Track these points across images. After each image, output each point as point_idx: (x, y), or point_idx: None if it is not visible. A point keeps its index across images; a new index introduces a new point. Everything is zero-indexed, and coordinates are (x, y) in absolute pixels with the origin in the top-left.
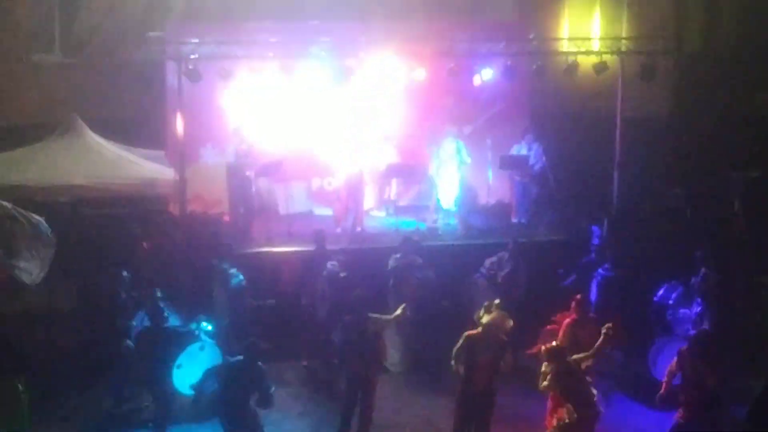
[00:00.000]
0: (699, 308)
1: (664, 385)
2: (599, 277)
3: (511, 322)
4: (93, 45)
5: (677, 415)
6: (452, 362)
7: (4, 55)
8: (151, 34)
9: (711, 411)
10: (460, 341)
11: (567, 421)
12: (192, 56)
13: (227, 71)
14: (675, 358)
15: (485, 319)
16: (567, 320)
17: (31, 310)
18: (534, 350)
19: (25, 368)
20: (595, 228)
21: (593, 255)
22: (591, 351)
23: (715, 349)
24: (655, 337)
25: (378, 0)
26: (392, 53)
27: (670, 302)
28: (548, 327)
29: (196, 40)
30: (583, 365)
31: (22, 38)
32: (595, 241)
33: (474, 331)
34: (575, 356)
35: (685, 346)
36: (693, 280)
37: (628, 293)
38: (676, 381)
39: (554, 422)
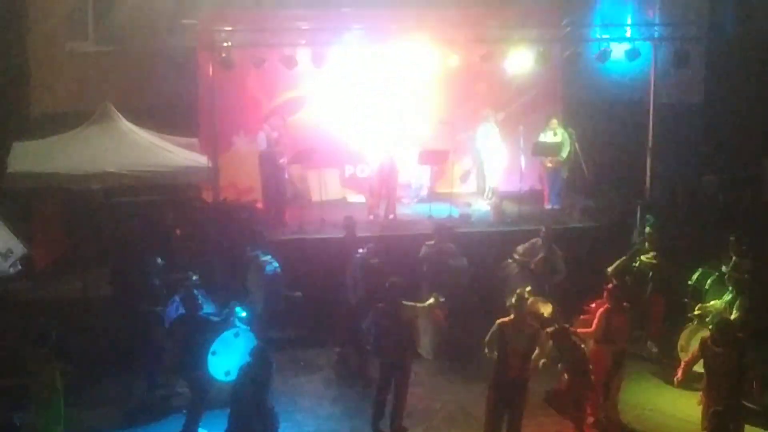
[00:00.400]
0: (729, 296)
1: (682, 369)
2: (639, 263)
3: (549, 308)
4: (127, 33)
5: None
6: (485, 349)
7: (39, 44)
8: (184, 22)
9: (732, 399)
10: (493, 328)
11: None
12: (225, 44)
13: (260, 59)
14: (697, 346)
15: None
16: (601, 309)
17: (65, 297)
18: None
19: (60, 355)
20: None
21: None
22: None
23: (737, 337)
24: (687, 323)
25: None
26: (424, 40)
27: (706, 288)
28: (582, 317)
29: (229, 28)
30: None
31: (56, 27)
32: (648, 228)
33: (506, 318)
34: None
35: (707, 335)
36: (724, 267)
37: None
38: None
39: None
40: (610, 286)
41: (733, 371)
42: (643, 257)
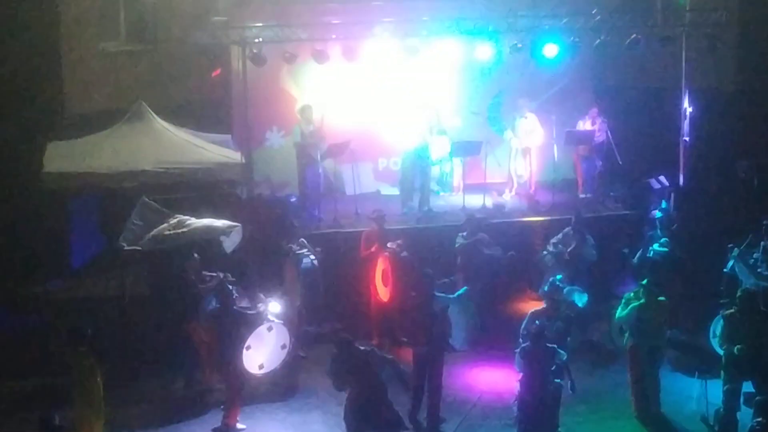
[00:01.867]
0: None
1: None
2: (653, 253)
3: (584, 298)
4: (158, 32)
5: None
6: (520, 339)
7: (72, 45)
8: (215, 18)
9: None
10: (526, 318)
11: None
12: (256, 40)
13: (291, 54)
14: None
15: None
16: (634, 303)
17: (103, 296)
18: None
19: (98, 352)
20: (662, 201)
21: (658, 229)
22: None
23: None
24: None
25: None
26: (455, 31)
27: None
28: None
29: (260, 24)
30: None
31: (88, 27)
32: (659, 214)
33: (539, 308)
34: None
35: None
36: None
37: (689, 269)
38: None
39: None
40: (644, 281)
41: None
42: (656, 246)
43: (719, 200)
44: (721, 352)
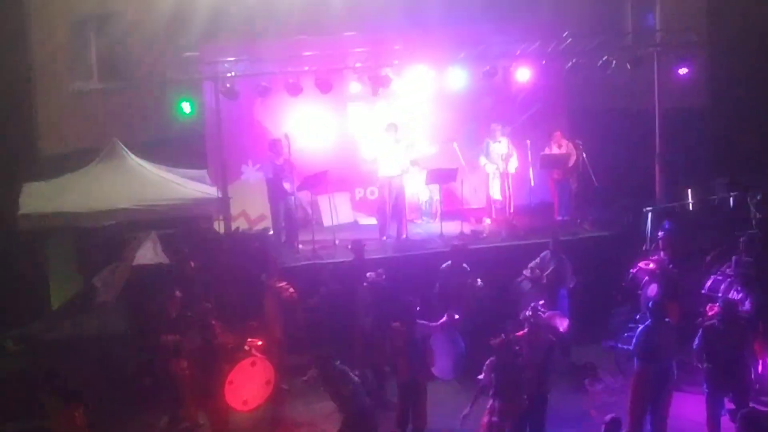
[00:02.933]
0: (739, 295)
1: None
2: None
3: (565, 322)
4: (130, 69)
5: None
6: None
7: (45, 85)
8: (187, 54)
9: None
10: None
11: None
12: (228, 74)
13: (264, 87)
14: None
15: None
16: (641, 325)
17: (84, 335)
18: None
19: (76, 395)
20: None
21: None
22: None
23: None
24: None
25: (413, 9)
26: (428, 60)
27: (719, 294)
28: None
29: (232, 58)
30: None
31: (60, 67)
32: (661, 233)
33: (520, 333)
34: None
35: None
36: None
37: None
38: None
39: None
40: (651, 305)
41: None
42: (641, 264)
43: (697, 218)
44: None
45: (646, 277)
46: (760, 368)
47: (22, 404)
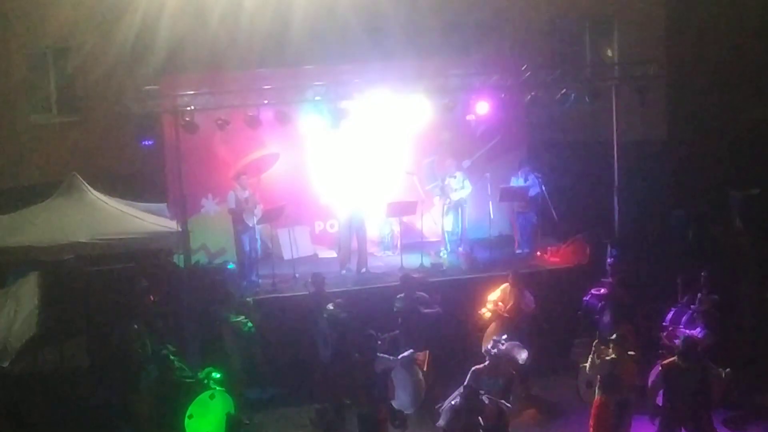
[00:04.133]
0: (701, 330)
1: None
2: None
3: (524, 354)
4: (89, 103)
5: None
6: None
7: (2, 118)
8: (146, 87)
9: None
10: (468, 375)
11: None
12: (188, 108)
13: (224, 121)
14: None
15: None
16: (605, 357)
17: (42, 369)
18: None
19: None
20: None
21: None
22: None
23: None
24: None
25: (372, 42)
26: (387, 93)
27: (681, 327)
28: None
29: (191, 92)
30: None
31: (19, 100)
32: (609, 260)
33: (480, 365)
34: None
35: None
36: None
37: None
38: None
39: None
40: (614, 336)
41: (697, 391)
42: (592, 291)
43: (655, 251)
44: None
45: (601, 304)
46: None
47: None
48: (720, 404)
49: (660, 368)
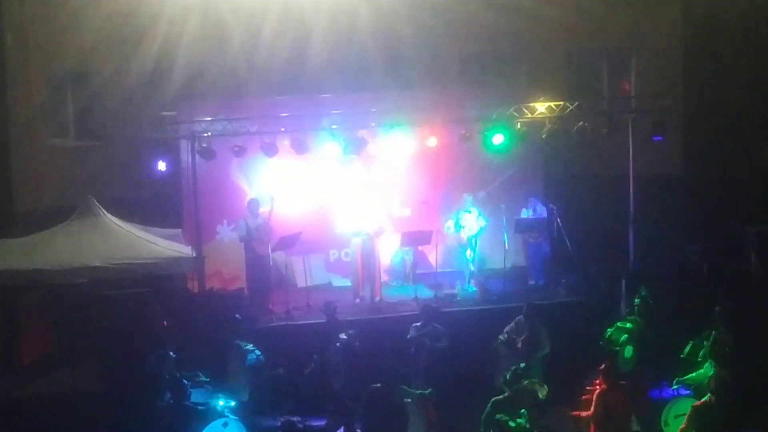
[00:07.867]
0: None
1: None
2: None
3: (545, 389)
4: (107, 127)
5: None
6: (482, 429)
7: (21, 141)
8: (164, 113)
9: None
10: (488, 407)
11: None
12: (205, 134)
13: (240, 148)
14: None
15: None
16: (597, 390)
17: (55, 392)
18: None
19: None
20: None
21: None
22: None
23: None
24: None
25: (390, 72)
26: (404, 123)
27: (698, 360)
28: (584, 396)
29: (209, 118)
30: None
31: (37, 124)
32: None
33: (500, 397)
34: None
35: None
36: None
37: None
38: None
39: None
40: (604, 365)
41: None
42: (618, 324)
43: (670, 286)
44: None
45: (624, 337)
46: None
47: None
48: None
49: (692, 409)
